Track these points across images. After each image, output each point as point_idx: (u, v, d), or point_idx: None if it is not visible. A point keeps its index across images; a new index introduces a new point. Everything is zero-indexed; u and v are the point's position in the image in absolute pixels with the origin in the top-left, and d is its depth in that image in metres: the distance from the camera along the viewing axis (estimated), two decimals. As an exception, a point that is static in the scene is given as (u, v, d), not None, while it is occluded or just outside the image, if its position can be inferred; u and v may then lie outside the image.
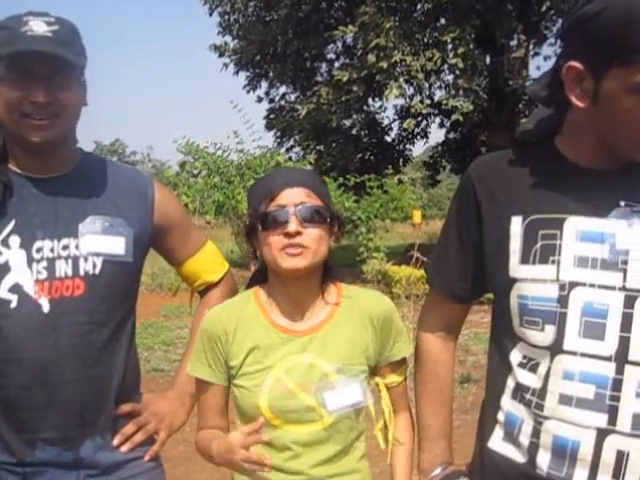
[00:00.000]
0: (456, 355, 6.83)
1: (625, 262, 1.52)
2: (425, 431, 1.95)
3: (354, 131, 21.92)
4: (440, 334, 1.95)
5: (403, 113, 20.69)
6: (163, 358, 8.60)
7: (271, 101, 23.72)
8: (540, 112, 1.72)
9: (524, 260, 1.62)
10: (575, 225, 1.57)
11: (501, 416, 1.73)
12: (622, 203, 1.55)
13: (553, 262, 1.58)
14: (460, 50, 15.95)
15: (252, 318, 1.93)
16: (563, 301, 1.56)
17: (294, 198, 1.85)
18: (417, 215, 18.27)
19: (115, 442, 2.03)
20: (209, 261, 2.29)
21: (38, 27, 1.83)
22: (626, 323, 1.52)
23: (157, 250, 2.22)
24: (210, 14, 22.21)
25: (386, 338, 1.95)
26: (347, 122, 20.85)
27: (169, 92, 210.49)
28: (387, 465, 1.99)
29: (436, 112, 21.56)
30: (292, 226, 1.82)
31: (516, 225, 1.65)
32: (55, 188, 1.97)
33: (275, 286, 1.95)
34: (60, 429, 1.93)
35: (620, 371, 1.52)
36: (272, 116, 22.84)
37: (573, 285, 1.55)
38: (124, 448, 2.04)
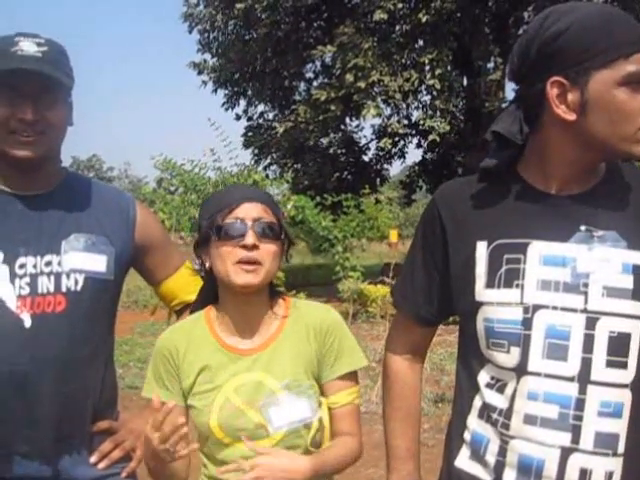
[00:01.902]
0: (431, 375, 6.81)
1: (586, 285, 1.56)
2: (393, 451, 1.96)
3: (331, 150, 21.99)
4: (407, 356, 1.96)
5: (380, 133, 20.79)
6: (138, 375, 8.55)
7: (249, 119, 23.76)
8: (498, 149, 1.74)
9: (489, 284, 1.65)
10: (538, 249, 1.61)
11: (467, 435, 1.76)
12: (583, 228, 1.59)
13: (517, 286, 1.61)
14: (437, 71, 16.11)
15: (202, 338, 1.94)
16: (527, 324, 1.59)
17: (252, 212, 1.87)
18: (393, 234, 18.32)
19: (92, 459, 2.05)
20: (186, 281, 2.31)
21: (28, 47, 1.87)
22: (588, 344, 1.55)
23: (136, 269, 2.24)
24: (190, 32, 22.28)
25: (328, 351, 1.93)
26: (324, 141, 20.92)
27: (147, 108, 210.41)
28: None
29: (413, 132, 21.69)
30: (249, 239, 1.83)
31: (481, 250, 1.68)
32: (40, 205, 1.99)
33: (225, 302, 1.95)
34: (38, 444, 1.94)
35: (583, 391, 1.55)
36: (250, 134, 22.87)
37: (537, 308, 1.59)
38: (101, 465, 2.06)
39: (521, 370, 1.61)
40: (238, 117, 23.72)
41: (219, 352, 1.91)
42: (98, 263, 2.01)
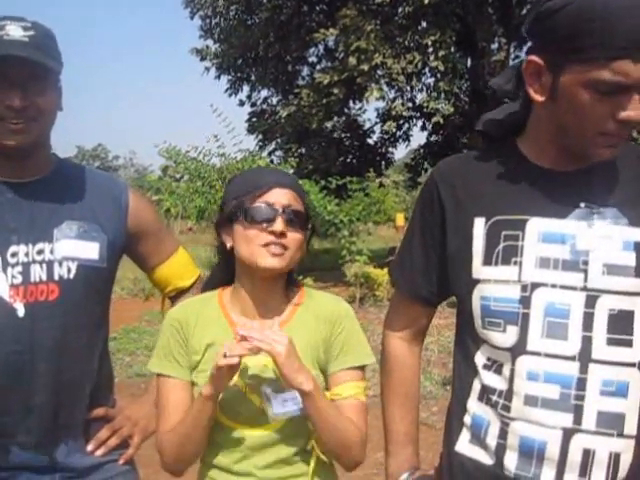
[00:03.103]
0: (439, 357, 6.78)
1: (586, 262, 1.54)
2: (392, 435, 1.95)
3: (336, 134, 21.93)
4: (406, 337, 1.95)
5: (384, 116, 20.71)
6: (146, 363, 8.46)
7: (253, 105, 23.69)
8: (509, 107, 1.73)
9: (487, 261, 1.64)
10: (537, 226, 1.59)
11: (468, 419, 1.74)
12: (582, 204, 1.57)
13: (515, 263, 1.59)
14: (441, 53, 15.99)
15: (212, 316, 1.91)
16: (525, 302, 1.57)
17: (283, 199, 1.84)
18: (400, 218, 18.34)
19: (90, 447, 2.05)
20: (180, 267, 2.31)
21: (15, 32, 1.84)
22: (588, 322, 1.53)
23: (130, 256, 2.23)
24: (191, 17, 22.20)
25: (334, 342, 1.89)
26: (328, 125, 20.84)
27: (152, 96, 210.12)
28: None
29: (417, 115, 21.60)
30: (279, 226, 1.80)
31: (479, 226, 1.66)
32: (31, 193, 1.97)
33: (241, 284, 1.91)
34: (34, 433, 1.93)
35: (584, 370, 1.53)
36: (254, 119, 22.80)
37: (535, 286, 1.57)
38: (99, 452, 2.06)
39: (519, 350, 1.59)
40: (242, 103, 23.65)
41: (228, 331, 1.87)
42: (91, 250, 1.99)
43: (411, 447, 1.94)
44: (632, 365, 1.55)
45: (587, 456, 1.54)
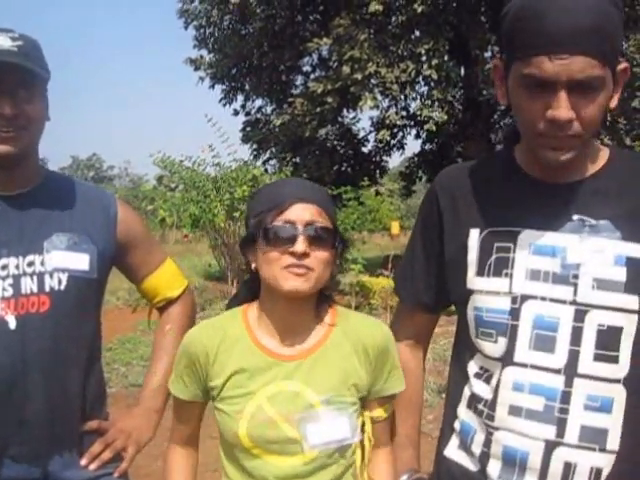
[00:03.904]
0: (434, 365, 6.79)
1: (576, 276, 1.54)
2: (393, 438, 1.96)
3: (329, 143, 21.92)
4: (409, 343, 1.97)
5: (379, 125, 20.72)
6: (141, 373, 8.48)
7: (247, 114, 23.68)
8: None
9: (479, 272, 1.65)
10: (528, 238, 1.59)
11: (457, 425, 1.76)
12: (575, 217, 1.57)
13: (506, 275, 1.60)
14: (434, 62, 16.03)
15: (237, 338, 1.80)
16: (515, 314, 1.58)
17: (304, 215, 1.72)
18: (395, 226, 18.31)
19: (83, 462, 2.04)
20: (169, 277, 2.32)
21: (3, 42, 1.85)
22: (576, 337, 1.53)
23: (119, 267, 2.24)
24: (185, 28, 22.17)
25: (380, 371, 1.82)
26: (322, 132, 20.84)
27: (147, 106, 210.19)
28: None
29: (412, 123, 21.62)
30: (299, 246, 1.68)
31: (474, 237, 1.67)
32: (20, 205, 1.98)
33: (267, 304, 1.81)
34: (28, 445, 1.93)
35: (569, 384, 1.54)
36: (248, 129, 22.78)
37: (525, 298, 1.57)
38: (92, 466, 2.05)
39: (506, 360, 1.60)
40: (236, 112, 23.63)
41: (255, 355, 1.78)
42: (81, 262, 2.00)
43: (411, 450, 1.96)
44: (617, 381, 1.54)
45: (568, 469, 1.54)
